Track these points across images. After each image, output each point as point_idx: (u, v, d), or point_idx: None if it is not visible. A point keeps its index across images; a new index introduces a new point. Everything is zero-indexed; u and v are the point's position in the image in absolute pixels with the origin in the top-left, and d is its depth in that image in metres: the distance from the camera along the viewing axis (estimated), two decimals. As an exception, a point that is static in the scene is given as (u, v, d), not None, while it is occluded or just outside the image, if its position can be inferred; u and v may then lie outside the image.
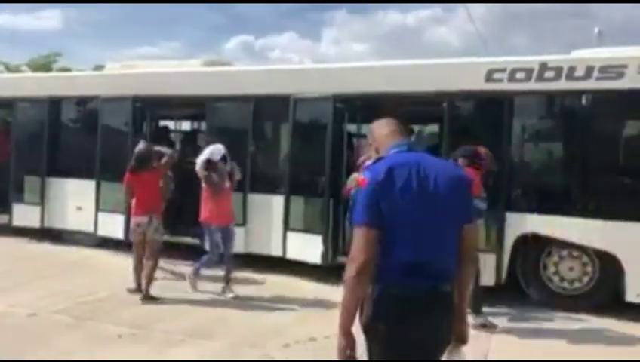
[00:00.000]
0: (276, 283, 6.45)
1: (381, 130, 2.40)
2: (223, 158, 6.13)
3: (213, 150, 6.13)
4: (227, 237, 6.13)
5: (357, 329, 2.16)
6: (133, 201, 6.04)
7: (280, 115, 7.43)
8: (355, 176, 5.75)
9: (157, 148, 6.33)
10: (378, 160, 2.25)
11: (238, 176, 6.40)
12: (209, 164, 6.05)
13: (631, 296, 5.58)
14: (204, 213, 6.10)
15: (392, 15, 53.09)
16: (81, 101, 8.97)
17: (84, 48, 41.86)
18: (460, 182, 2.23)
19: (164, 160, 6.09)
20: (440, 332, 2.18)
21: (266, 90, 7.31)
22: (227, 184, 6.15)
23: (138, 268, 6.01)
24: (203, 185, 6.09)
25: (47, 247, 8.46)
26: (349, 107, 7.13)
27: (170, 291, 6.06)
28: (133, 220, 6.01)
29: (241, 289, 6.09)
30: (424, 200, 2.11)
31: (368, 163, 2.36)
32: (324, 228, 6.77)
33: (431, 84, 6.43)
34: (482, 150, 5.30)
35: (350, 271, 2.07)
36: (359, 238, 2.08)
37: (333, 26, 56.10)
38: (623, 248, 5.59)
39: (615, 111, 5.99)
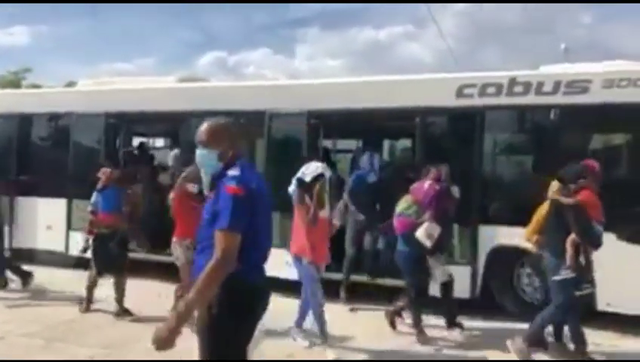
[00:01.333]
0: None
1: (239, 137, 2.68)
2: (317, 180, 4.93)
3: (306, 168, 5.06)
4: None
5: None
6: None
7: (255, 130, 7.42)
8: (410, 199, 5.38)
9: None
10: (242, 170, 2.47)
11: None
12: (301, 184, 4.96)
13: (601, 305, 5.66)
14: (295, 244, 5.03)
15: (365, 32, 53.89)
16: (53, 118, 8.81)
17: (55, 65, 41.37)
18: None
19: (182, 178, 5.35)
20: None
21: (241, 105, 7.32)
22: (324, 213, 4.97)
23: None
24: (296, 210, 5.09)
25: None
26: (323, 123, 7.17)
27: (149, 310, 5.94)
28: None
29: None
30: (267, 208, 2.58)
31: (234, 172, 2.43)
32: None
33: (403, 100, 6.53)
34: (592, 163, 4.82)
35: (220, 268, 2.33)
36: (231, 242, 2.35)
37: (307, 42, 56.64)
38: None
39: (581, 125, 6.14)
